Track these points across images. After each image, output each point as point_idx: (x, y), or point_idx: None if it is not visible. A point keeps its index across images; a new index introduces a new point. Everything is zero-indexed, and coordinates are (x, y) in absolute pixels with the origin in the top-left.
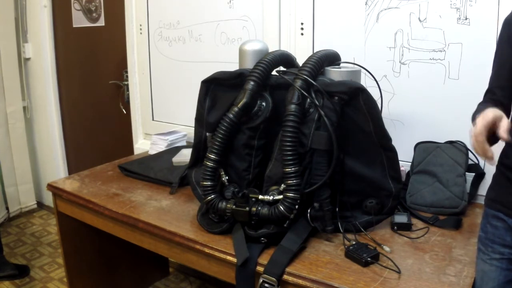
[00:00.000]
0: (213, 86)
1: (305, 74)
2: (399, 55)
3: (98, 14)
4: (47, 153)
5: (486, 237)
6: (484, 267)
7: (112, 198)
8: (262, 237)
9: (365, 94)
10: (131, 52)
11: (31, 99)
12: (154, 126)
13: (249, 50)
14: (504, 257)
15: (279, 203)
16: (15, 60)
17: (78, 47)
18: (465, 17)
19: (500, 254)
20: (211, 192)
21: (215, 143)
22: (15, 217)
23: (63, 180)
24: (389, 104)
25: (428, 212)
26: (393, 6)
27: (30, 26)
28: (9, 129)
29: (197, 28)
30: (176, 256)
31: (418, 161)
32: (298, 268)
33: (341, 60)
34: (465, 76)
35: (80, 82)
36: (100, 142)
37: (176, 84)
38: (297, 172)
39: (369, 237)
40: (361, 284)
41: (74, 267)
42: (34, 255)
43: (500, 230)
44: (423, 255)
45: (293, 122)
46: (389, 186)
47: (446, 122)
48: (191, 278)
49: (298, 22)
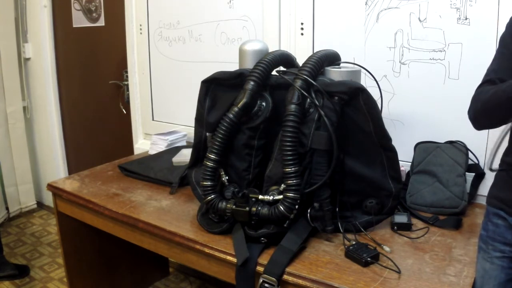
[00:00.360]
0: (213, 86)
1: (305, 74)
2: (399, 55)
3: (98, 14)
4: (47, 153)
5: (487, 235)
6: (485, 265)
7: (112, 198)
8: (262, 237)
9: (365, 94)
10: (131, 52)
11: (31, 99)
12: (154, 126)
13: (249, 50)
14: (505, 255)
15: (279, 203)
16: (15, 60)
17: (78, 47)
18: (465, 17)
19: (501, 252)
20: (211, 192)
21: (215, 143)
22: (15, 217)
23: (63, 180)
24: (389, 104)
25: (428, 212)
26: (393, 6)
27: (30, 26)
28: (9, 129)
29: (197, 28)
30: (176, 256)
31: (418, 161)
32: (298, 268)
33: (341, 60)
34: (465, 76)
35: (80, 82)
36: (100, 142)
37: (176, 84)
38: (297, 172)
39: (369, 237)
40: (361, 284)
41: (74, 267)
42: (34, 255)
43: (501, 228)
44: (423, 255)
45: (293, 122)
46: (389, 186)
47: (446, 122)
48: (191, 278)
49: (298, 22)
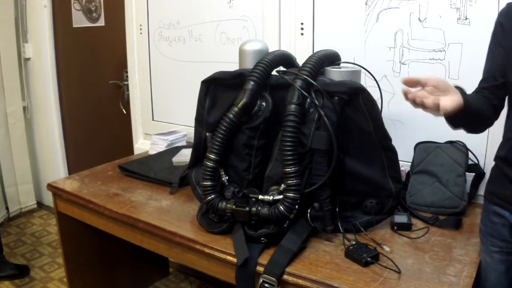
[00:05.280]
0: (213, 86)
1: (305, 74)
2: (399, 55)
3: (98, 14)
4: (47, 153)
5: (485, 231)
6: (486, 258)
7: (112, 198)
8: (262, 237)
9: (365, 94)
10: (131, 52)
11: (31, 99)
12: (154, 126)
13: (249, 50)
14: (503, 250)
15: (279, 203)
16: (15, 60)
17: (78, 47)
18: (465, 17)
19: (499, 247)
20: (211, 192)
21: (215, 143)
22: (15, 217)
23: (63, 180)
24: (389, 104)
25: (428, 212)
26: (393, 6)
27: (30, 26)
28: (9, 129)
29: (197, 28)
30: (176, 256)
31: (418, 161)
32: (298, 268)
33: (341, 60)
34: (465, 76)
35: (80, 82)
36: (100, 142)
37: (176, 84)
38: (297, 172)
39: (369, 237)
40: (361, 284)
41: (74, 267)
42: (34, 255)
43: (497, 225)
44: (423, 255)
45: (293, 122)
46: (389, 186)
47: (446, 122)
48: (191, 278)
49: (298, 22)
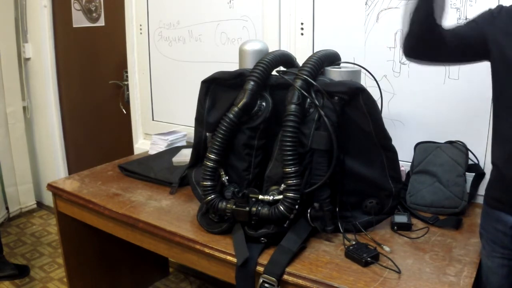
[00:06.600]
0: (213, 86)
1: (305, 74)
2: (399, 55)
3: (98, 14)
4: (47, 153)
5: (487, 237)
6: (487, 261)
7: (112, 198)
8: (262, 237)
9: (365, 94)
10: (131, 52)
11: (31, 99)
12: (154, 126)
13: (249, 50)
14: (504, 256)
15: (279, 203)
16: (15, 60)
17: (78, 47)
18: (465, 17)
19: (500, 254)
20: (211, 192)
21: (215, 143)
22: (15, 217)
23: (63, 180)
24: (389, 104)
25: (428, 212)
26: (393, 6)
27: (30, 26)
28: (9, 129)
29: (197, 28)
30: (176, 256)
31: (418, 161)
32: (298, 268)
33: (341, 60)
34: (465, 76)
35: (80, 82)
36: (100, 142)
37: (176, 84)
38: (297, 172)
39: (369, 237)
40: (361, 284)
41: (74, 267)
42: (34, 255)
43: (499, 233)
44: (423, 255)
45: (293, 122)
46: (389, 186)
47: (446, 122)
48: (191, 278)
49: (298, 22)
